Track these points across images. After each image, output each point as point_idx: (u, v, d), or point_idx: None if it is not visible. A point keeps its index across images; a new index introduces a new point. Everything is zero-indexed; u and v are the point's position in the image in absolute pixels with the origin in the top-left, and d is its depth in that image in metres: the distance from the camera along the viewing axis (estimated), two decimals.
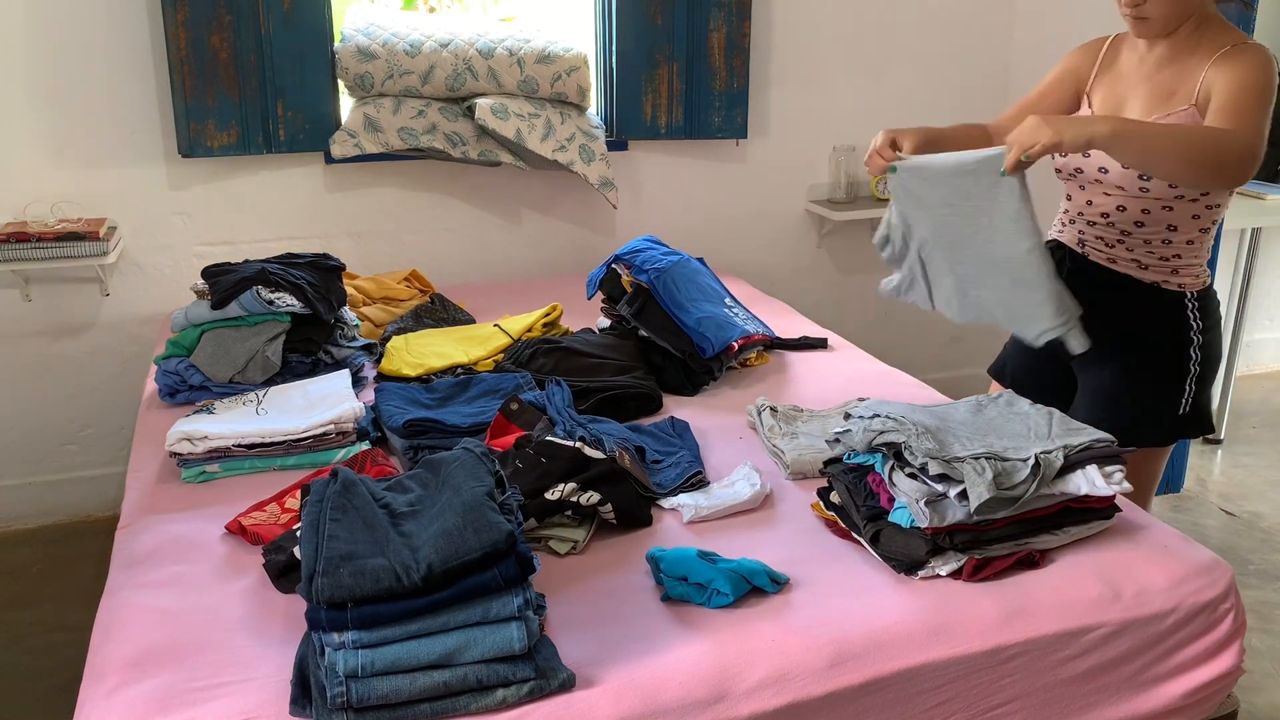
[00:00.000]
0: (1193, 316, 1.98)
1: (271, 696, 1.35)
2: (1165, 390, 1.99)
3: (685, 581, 1.57)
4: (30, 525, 3.20)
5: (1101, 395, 2.03)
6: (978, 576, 1.61)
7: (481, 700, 1.33)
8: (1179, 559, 1.69)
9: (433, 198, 3.34)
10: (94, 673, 1.43)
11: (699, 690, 1.39)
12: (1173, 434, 2.03)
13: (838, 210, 3.59)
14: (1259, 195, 3.62)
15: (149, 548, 1.73)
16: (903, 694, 1.48)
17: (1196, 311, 1.98)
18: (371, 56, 3.05)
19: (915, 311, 2.67)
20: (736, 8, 3.33)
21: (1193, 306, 1.98)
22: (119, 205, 3.06)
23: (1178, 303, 1.97)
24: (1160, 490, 3.37)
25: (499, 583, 1.34)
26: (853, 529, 1.72)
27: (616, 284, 2.60)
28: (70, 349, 3.13)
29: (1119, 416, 1.96)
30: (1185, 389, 1.99)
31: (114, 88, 2.98)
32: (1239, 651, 1.68)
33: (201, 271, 2.45)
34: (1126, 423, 1.92)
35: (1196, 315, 1.98)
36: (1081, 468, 1.64)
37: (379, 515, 1.43)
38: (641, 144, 3.49)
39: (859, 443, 1.69)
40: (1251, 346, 4.38)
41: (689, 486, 1.92)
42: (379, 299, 2.92)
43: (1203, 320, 1.99)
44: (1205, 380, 2.01)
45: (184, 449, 1.97)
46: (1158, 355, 2.00)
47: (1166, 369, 1.99)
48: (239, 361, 2.30)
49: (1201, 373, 2.00)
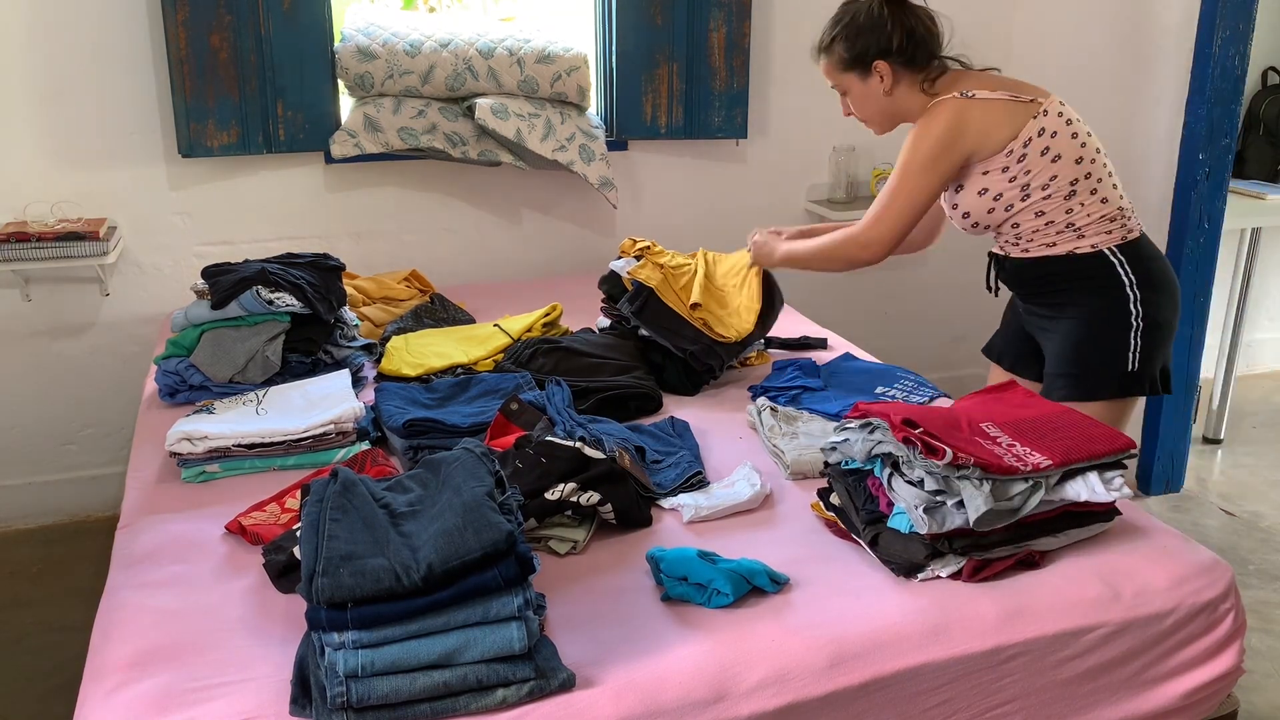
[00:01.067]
0: (1123, 271, 2.09)
1: (271, 696, 1.35)
2: (1111, 346, 2.11)
3: (685, 581, 1.57)
4: (30, 525, 3.20)
5: (1057, 361, 2.17)
6: (978, 577, 1.61)
7: (481, 700, 1.33)
8: (1179, 559, 1.69)
9: (433, 198, 3.34)
10: (94, 673, 1.43)
11: (699, 690, 1.39)
12: (1122, 389, 2.12)
13: (838, 210, 3.59)
14: (1259, 195, 3.63)
15: (149, 548, 1.73)
16: (903, 694, 1.48)
17: (1125, 266, 2.09)
18: (371, 56, 3.05)
19: (915, 312, 2.67)
20: (736, 8, 3.33)
21: (1119, 261, 2.10)
22: (119, 205, 3.06)
23: (1100, 259, 2.10)
24: (1160, 490, 3.38)
25: (499, 583, 1.34)
26: (853, 530, 1.72)
27: (617, 283, 2.60)
28: (70, 349, 3.13)
29: (1070, 374, 2.13)
30: (1130, 342, 2.10)
31: (114, 88, 2.98)
32: (1239, 651, 1.68)
33: (201, 271, 2.45)
34: (1079, 377, 2.10)
35: (1126, 269, 2.09)
36: (1082, 474, 1.64)
37: (379, 515, 1.43)
38: (641, 144, 3.49)
39: (858, 452, 1.69)
40: (1251, 346, 4.38)
41: (689, 486, 1.92)
42: (379, 299, 2.92)
43: (1135, 273, 2.09)
44: (1152, 337, 2.11)
45: (184, 449, 1.97)
46: (1098, 313, 2.12)
47: (1108, 325, 2.11)
48: (239, 361, 2.30)
49: (1145, 328, 2.09)
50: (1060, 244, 2.11)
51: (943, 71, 2.16)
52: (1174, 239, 3.19)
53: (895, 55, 2.13)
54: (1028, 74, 3.76)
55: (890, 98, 2.17)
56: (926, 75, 2.15)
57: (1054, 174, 2.07)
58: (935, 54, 2.17)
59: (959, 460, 1.56)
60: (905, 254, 2.41)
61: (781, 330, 2.76)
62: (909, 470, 1.61)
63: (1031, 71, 3.74)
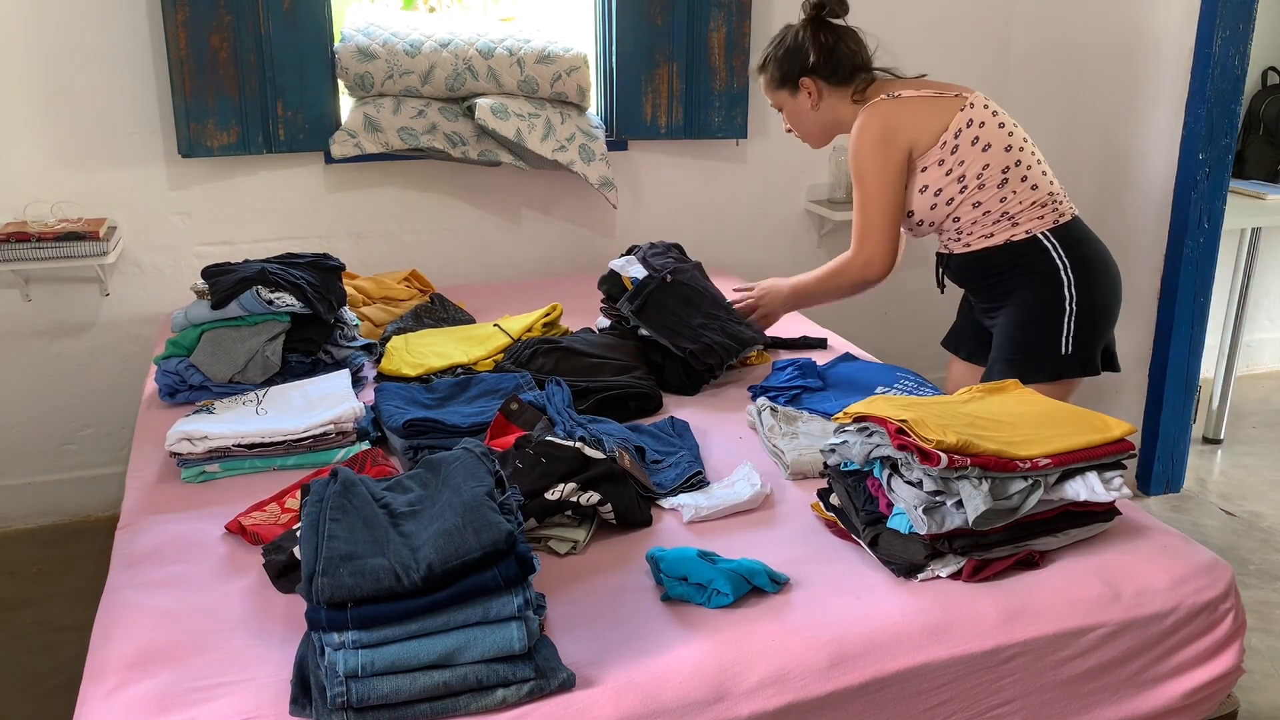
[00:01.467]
0: (1057, 255, 2.20)
1: (271, 696, 1.35)
2: (1047, 330, 2.21)
3: (685, 581, 1.57)
4: (30, 525, 3.20)
5: (1001, 347, 2.29)
6: (977, 577, 1.61)
7: (481, 700, 1.33)
8: (1179, 559, 1.69)
9: (433, 198, 3.34)
10: (94, 673, 1.43)
11: (699, 690, 1.39)
12: (1057, 372, 2.21)
13: (838, 210, 3.59)
14: (1259, 195, 3.63)
15: (149, 548, 1.73)
16: (903, 694, 1.48)
17: (1059, 250, 2.20)
18: (371, 56, 3.05)
19: (915, 312, 2.68)
20: (736, 8, 3.33)
21: (1053, 245, 2.20)
22: (119, 205, 3.06)
23: (1035, 245, 2.21)
24: (1160, 490, 3.38)
25: (499, 583, 1.34)
26: (852, 531, 1.72)
27: (617, 283, 2.60)
28: (70, 349, 3.13)
29: (1010, 358, 2.23)
30: (1064, 327, 2.20)
31: (114, 88, 2.98)
32: (1239, 651, 1.68)
33: (201, 271, 2.45)
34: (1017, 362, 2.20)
35: (1059, 253, 2.20)
36: (1081, 474, 1.64)
37: (379, 515, 1.43)
38: (641, 144, 3.49)
39: (856, 455, 1.68)
40: (1251, 346, 4.38)
41: (689, 486, 1.92)
42: (379, 299, 2.92)
43: (1068, 256, 2.20)
44: (1087, 322, 2.20)
45: (184, 449, 1.97)
46: (1035, 298, 2.22)
47: (1044, 310, 2.21)
48: (239, 361, 2.30)
49: (1078, 312, 2.19)
50: (998, 234, 2.23)
51: (870, 82, 2.32)
52: (1174, 239, 3.19)
53: (817, 72, 2.31)
54: (1027, 75, 3.78)
55: (818, 112, 2.35)
56: (855, 87, 2.30)
57: (986, 163, 2.19)
58: (862, 68, 2.32)
59: (955, 464, 1.56)
60: None
61: (781, 330, 2.76)
62: (907, 471, 1.61)
63: (1031, 72, 3.75)
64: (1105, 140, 3.44)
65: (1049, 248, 2.21)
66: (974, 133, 2.19)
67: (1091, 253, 2.25)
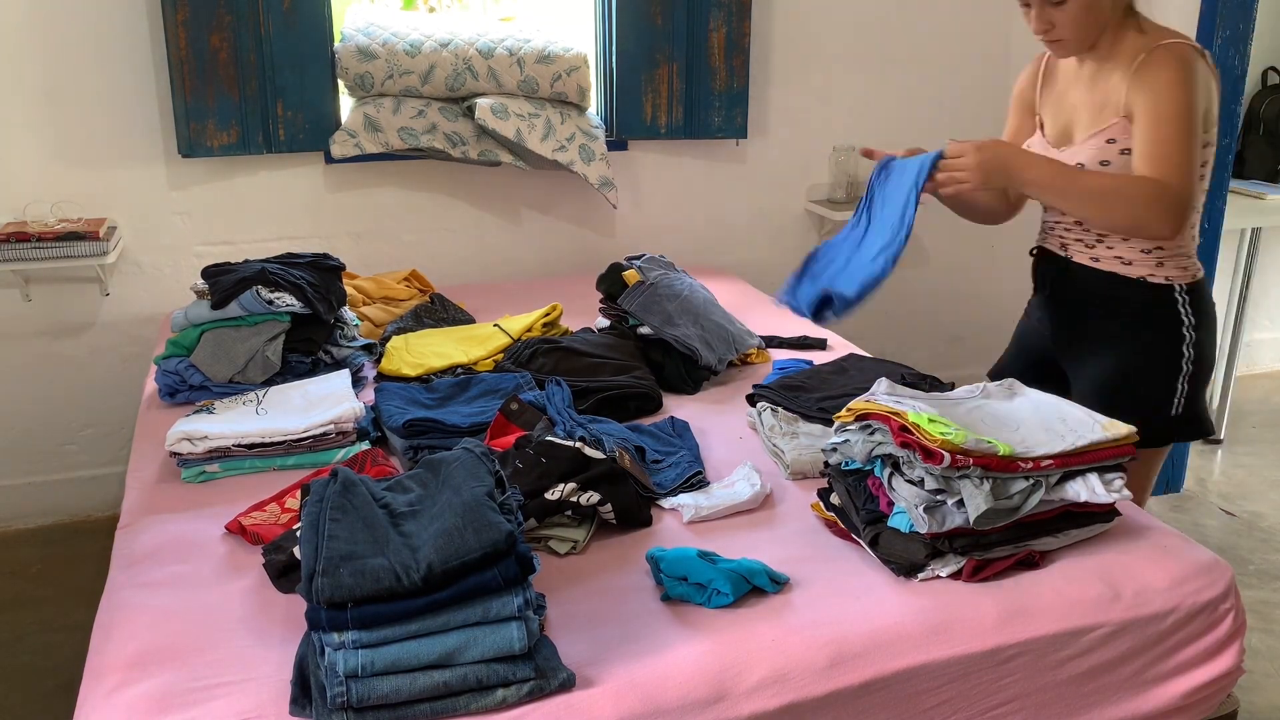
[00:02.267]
0: (1184, 311, 1.95)
1: (271, 696, 1.35)
2: (1158, 389, 1.97)
3: (685, 581, 1.57)
4: (30, 525, 3.20)
5: (1094, 394, 1.99)
6: (978, 577, 1.61)
7: (481, 700, 1.33)
8: (1179, 559, 1.69)
9: (433, 198, 3.34)
10: (94, 673, 1.43)
11: (699, 690, 1.39)
12: (1166, 436, 2.00)
13: (838, 210, 3.58)
14: (1259, 195, 3.63)
15: (149, 548, 1.73)
16: (903, 694, 1.48)
17: (1188, 306, 1.96)
18: (371, 56, 3.05)
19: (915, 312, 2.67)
20: (736, 8, 3.33)
21: (1183, 300, 1.96)
22: (119, 205, 3.06)
23: (1167, 295, 1.96)
24: (1160, 490, 3.38)
25: (499, 583, 1.34)
26: (853, 530, 1.72)
27: (616, 282, 2.60)
28: (70, 349, 3.13)
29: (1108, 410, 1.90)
30: (1179, 388, 1.97)
31: (114, 88, 2.98)
32: (1239, 651, 1.68)
33: (201, 271, 2.45)
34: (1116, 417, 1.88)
35: (1188, 310, 1.96)
36: (1082, 475, 1.64)
37: (379, 515, 1.43)
38: (641, 144, 3.49)
39: (858, 453, 1.68)
40: (1251, 346, 4.38)
41: (689, 486, 1.92)
42: (379, 299, 2.92)
43: (1195, 315, 1.96)
44: (1199, 380, 1.98)
45: (184, 449, 1.97)
46: (1150, 351, 1.98)
47: (1159, 366, 1.97)
48: (239, 361, 2.30)
49: (1195, 371, 1.97)
50: (1137, 265, 1.96)
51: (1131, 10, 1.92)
52: None
53: None
54: None
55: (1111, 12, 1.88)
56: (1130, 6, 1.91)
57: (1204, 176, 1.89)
58: None
59: (958, 463, 1.56)
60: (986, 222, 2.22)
61: (782, 330, 2.76)
62: (909, 470, 1.61)
63: None
64: None
65: (1178, 301, 1.95)
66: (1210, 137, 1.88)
67: (1212, 313, 2.00)
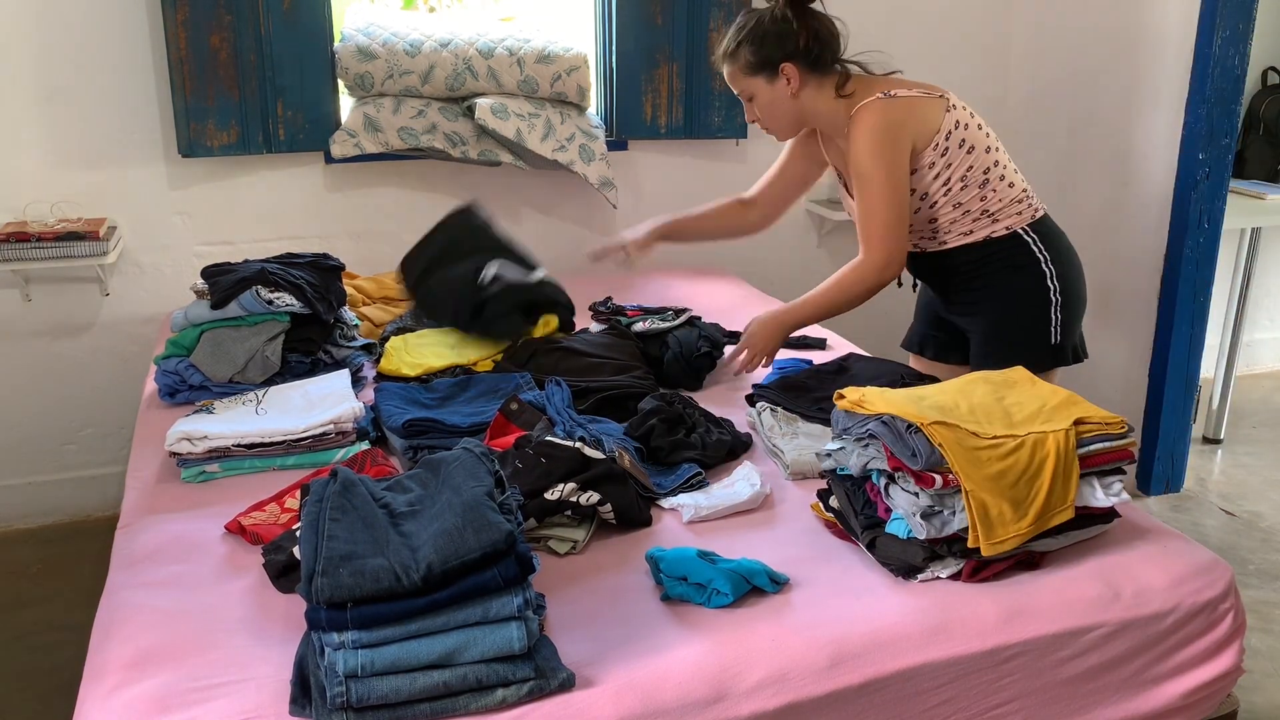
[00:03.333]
0: (1035, 246, 2.22)
1: (271, 696, 1.35)
2: (1036, 322, 2.23)
3: (685, 581, 1.57)
4: (30, 525, 3.20)
5: (984, 344, 2.30)
6: (977, 577, 1.61)
7: (481, 700, 1.33)
8: (1179, 559, 1.69)
9: (433, 198, 3.34)
10: (94, 673, 1.43)
11: (699, 690, 1.39)
12: (1051, 362, 2.26)
13: (838, 210, 3.59)
14: (1259, 195, 3.63)
15: (149, 548, 1.73)
16: (902, 694, 1.48)
17: (1037, 242, 2.22)
18: (371, 56, 3.05)
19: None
20: (736, 8, 3.33)
21: (1032, 240, 2.22)
22: (119, 205, 3.06)
23: (1015, 241, 2.22)
24: (1160, 490, 3.38)
25: (499, 583, 1.34)
26: (851, 533, 1.72)
27: None
28: (70, 349, 3.13)
29: (999, 352, 2.20)
30: (1052, 317, 2.22)
31: (114, 88, 2.98)
32: (1239, 651, 1.68)
33: (201, 271, 2.45)
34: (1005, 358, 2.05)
35: (1039, 246, 2.22)
36: (1082, 479, 1.64)
37: (379, 515, 1.43)
38: (641, 144, 3.49)
39: (853, 465, 1.68)
40: (1251, 346, 4.38)
41: (689, 486, 1.92)
42: (379, 299, 2.92)
43: (1047, 247, 2.22)
44: (1070, 309, 2.25)
45: (184, 449, 1.97)
46: (1019, 292, 2.23)
47: (1030, 302, 2.23)
48: (239, 361, 2.30)
49: (1064, 301, 2.22)
50: (977, 230, 2.22)
51: (847, 77, 2.22)
52: (1174, 239, 3.19)
53: (801, 57, 2.18)
54: (1027, 75, 3.77)
55: (797, 100, 2.21)
56: (833, 80, 2.21)
57: (970, 165, 2.17)
58: (837, 58, 2.22)
59: (950, 484, 1.56)
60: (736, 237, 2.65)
61: None
62: (904, 481, 1.61)
63: (1032, 72, 3.75)
64: (1105, 140, 3.44)
65: (1029, 242, 2.22)
66: (960, 135, 2.17)
67: (1065, 244, 2.27)
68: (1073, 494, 1.62)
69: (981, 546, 1.56)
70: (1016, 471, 1.59)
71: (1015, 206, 2.22)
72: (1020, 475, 1.59)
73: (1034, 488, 1.60)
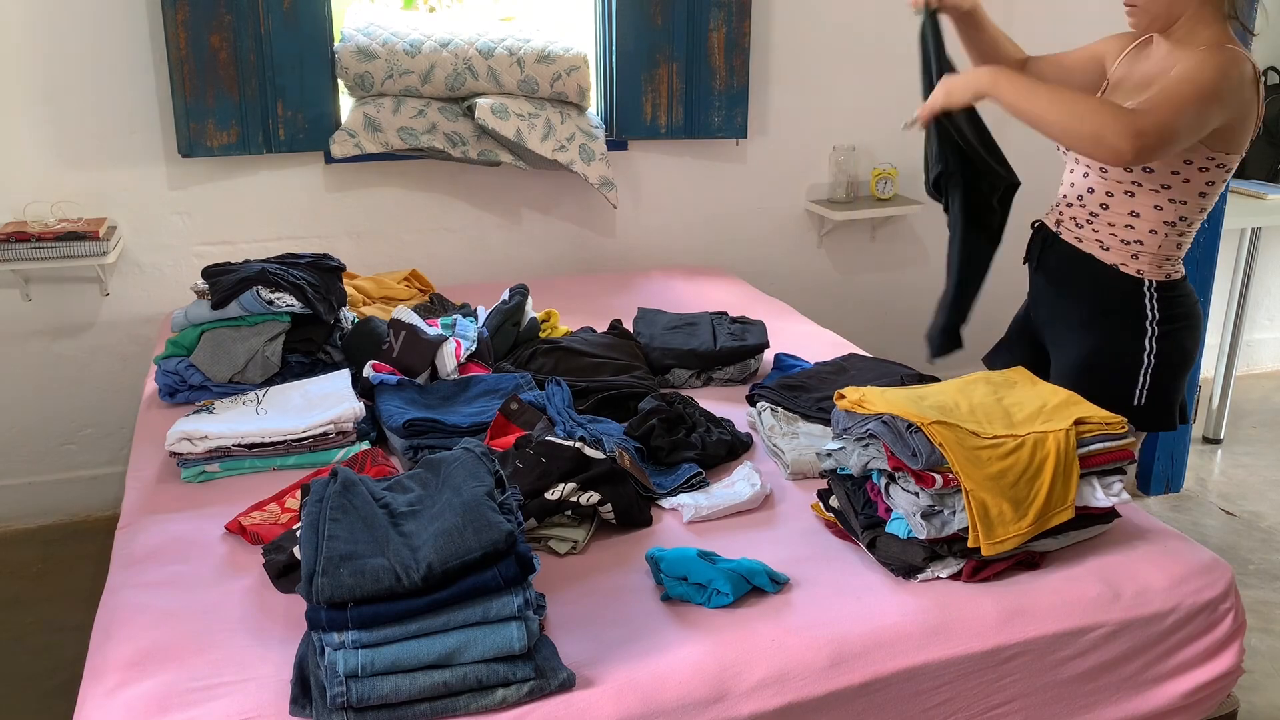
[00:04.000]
0: (1150, 305, 2.01)
1: (271, 696, 1.35)
2: (1121, 378, 2.03)
3: (685, 581, 1.57)
4: (30, 525, 3.20)
5: (1066, 375, 2.07)
6: (977, 577, 1.61)
7: (481, 700, 1.33)
8: (1179, 559, 1.69)
9: (433, 198, 3.34)
10: (94, 673, 1.43)
11: (699, 690, 1.39)
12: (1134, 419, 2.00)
13: (838, 210, 3.59)
14: (1259, 195, 3.62)
15: (149, 548, 1.73)
16: (902, 694, 1.48)
17: (1154, 301, 2.01)
18: (371, 56, 3.05)
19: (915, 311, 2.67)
20: (736, 7, 3.33)
21: (1150, 295, 2.01)
22: (119, 205, 3.06)
23: (1134, 288, 2.01)
24: (1160, 490, 3.38)
25: (499, 582, 1.34)
26: (852, 533, 1.72)
27: None
28: (70, 349, 3.13)
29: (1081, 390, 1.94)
30: (1139, 380, 2.02)
31: (114, 88, 2.97)
32: (1239, 651, 1.68)
33: (201, 271, 2.45)
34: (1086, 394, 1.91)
35: (1154, 304, 2.01)
36: (1082, 479, 1.64)
37: (379, 515, 1.43)
38: (641, 144, 3.49)
39: (853, 466, 1.68)
40: (1251, 346, 4.38)
41: (689, 486, 1.92)
42: (379, 299, 2.93)
43: (1160, 311, 2.01)
44: (1165, 375, 2.03)
45: (184, 449, 1.97)
46: (1114, 340, 2.03)
47: (1122, 355, 2.03)
48: (239, 361, 2.30)
49: (1157, 365, 2.01)
50: (1114, 252, 2.03)
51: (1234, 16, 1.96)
52: None
53: None
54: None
55: None
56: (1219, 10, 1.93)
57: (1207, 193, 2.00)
58: None
59: (950, 484, 1.56)
60: None
61: (781, 331, 2.76)
62: (904, 481, 1.61)
63: None
64: None
65: (1146, 301, 2.01)
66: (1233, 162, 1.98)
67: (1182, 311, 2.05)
68: (1073, 494, 1.62)
69: (982, 546, 1.56)
70: (1017, 471, 1.60)
71: (1160, 260, 2.03)
72: (1020, 475, 1.60)
73: (1034, 488, 1.60)
